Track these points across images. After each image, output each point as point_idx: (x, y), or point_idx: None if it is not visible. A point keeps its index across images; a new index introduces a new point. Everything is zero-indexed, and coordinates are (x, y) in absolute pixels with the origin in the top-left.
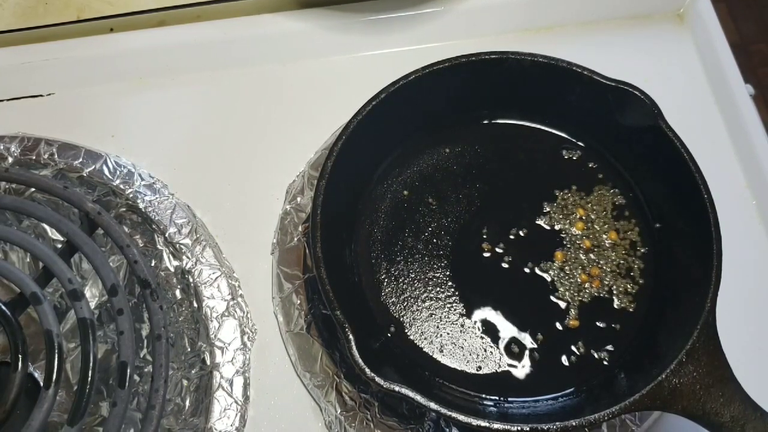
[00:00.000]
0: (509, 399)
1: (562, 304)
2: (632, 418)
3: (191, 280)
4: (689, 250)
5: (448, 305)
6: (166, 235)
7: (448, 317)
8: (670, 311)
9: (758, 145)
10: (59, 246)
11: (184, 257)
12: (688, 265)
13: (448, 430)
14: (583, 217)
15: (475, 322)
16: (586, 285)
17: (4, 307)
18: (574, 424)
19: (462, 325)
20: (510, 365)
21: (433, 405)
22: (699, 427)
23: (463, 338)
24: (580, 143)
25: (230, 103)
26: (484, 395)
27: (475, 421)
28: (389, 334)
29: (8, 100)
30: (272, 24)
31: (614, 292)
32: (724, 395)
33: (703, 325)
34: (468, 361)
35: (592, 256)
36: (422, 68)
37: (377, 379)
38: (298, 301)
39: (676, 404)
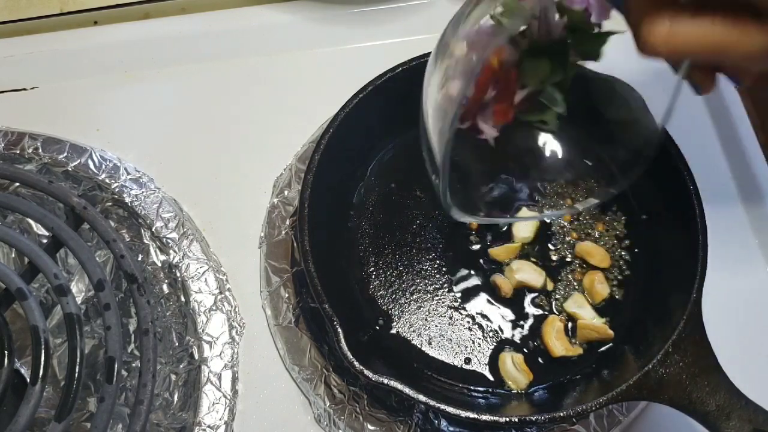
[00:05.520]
0: (497, 391)
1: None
2: (619, 408)
3: (178, 274)
4: (675, 242)
5: (437, 298)
6: (153, 229)
7: (437, 310)
8: (656, 302)
9: (743, 136)
10: (45, 241)
11: (171, 251)
12: (674, 256)
13: (437, 422)
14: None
15: (463, 314)
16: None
17: None
18: (562, 414)
19: (450, 318)
20: (498, 357)
21: (421, 397)
22: (685, 416)
23: (452, 330)
24: None
25: (216, 96)
26: (472, 387)
27: (463, 413)
28: (378, 327)
29: None
30: (258, 16)
31: None
32: (710, 384)
33: (689, 316)
34: (456, 354)
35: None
36: (409, 60)
37: (366, 372)
38: (286, 295)
39: (662, 394)
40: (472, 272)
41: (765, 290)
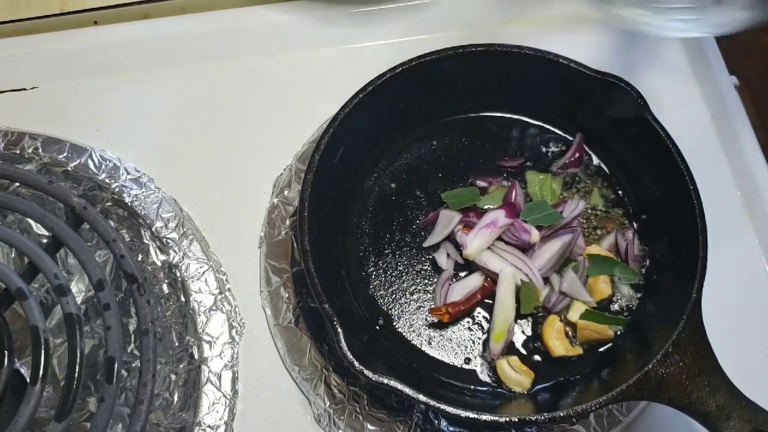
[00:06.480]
0: (497, 390)
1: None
2: (619, 408)
3: (178, 274)
4: (675, 241)
5: None
6: (153, 229)
7: None
8: (657, 302)
9: (743, 136)
10: (45, 241)
11: (171, 251)
12: (674, 256)
13: (437, 422)
14: None
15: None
16: None
17: None
18: (562, 414)
19: None
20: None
21: (421, 397)
22: (686, 416)
23: (452, 330)
24: (567, 136)
25: (217, 96)
26: (472, 387)
27: (463, 413)
28: (378, 327)
29: None
30: (258, 16)
31: None
32: (710, 385)
33: (689, 316)
34: (456, 354)
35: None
36: (409, 60)
37: (366, 372)
38: (286, 295)
39: (662, 394)
40: (473, 272)
41: (765, 290)
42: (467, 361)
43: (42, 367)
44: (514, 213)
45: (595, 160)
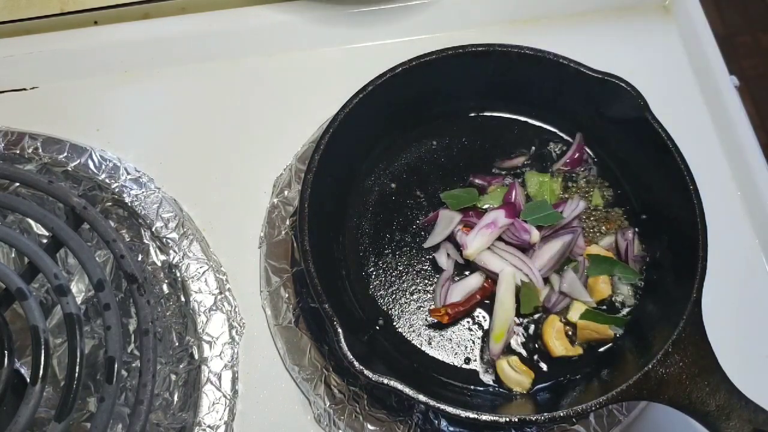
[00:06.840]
0: (497, 390)
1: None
2: (619, 408)
3: (178, 274)
4: (675, 242)
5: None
6: (153, 229)
7: None
8: (657, 302)
9: (743, 136)
10: (45, 241)
11: (171, 251)
12: (674, 256)
13: (437, 422)
14: None
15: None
16: None
17: None
18: (562, 414)
19: None
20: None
21: (421, 397)
22: (686, 416)
23: (452, 331)
24: (566, 137)
25: (217, 96)
26: (472, 387)
27: (463, 413)
28: (378, 327)
29: None
30: (258, 16)
31: None
32: (710, 385)
33: (689, 316)
34: (456, 354)
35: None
36: (409, 60)
37: (366, 372)
38: (286, 295)
39: (662, 394)
40: (473, 272)
41: (765, 290)
42: (467, 361)
43: (42, 367)
44: (514, 213)
45: (595, 160)
